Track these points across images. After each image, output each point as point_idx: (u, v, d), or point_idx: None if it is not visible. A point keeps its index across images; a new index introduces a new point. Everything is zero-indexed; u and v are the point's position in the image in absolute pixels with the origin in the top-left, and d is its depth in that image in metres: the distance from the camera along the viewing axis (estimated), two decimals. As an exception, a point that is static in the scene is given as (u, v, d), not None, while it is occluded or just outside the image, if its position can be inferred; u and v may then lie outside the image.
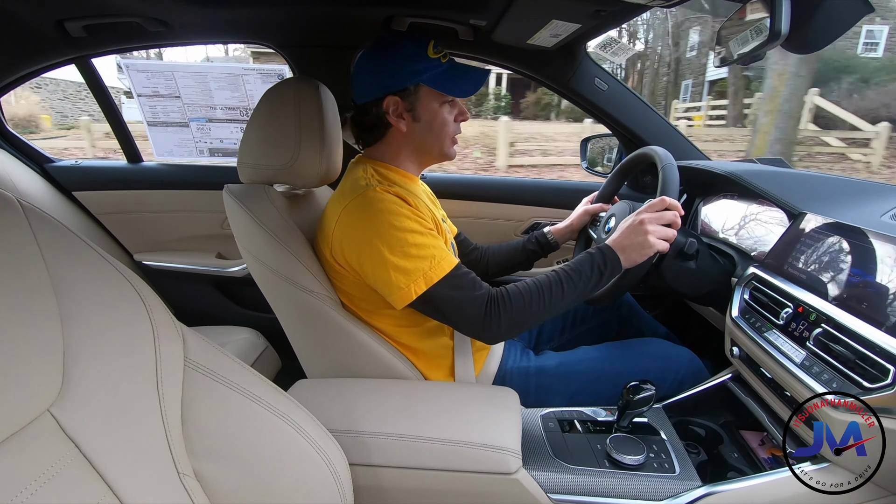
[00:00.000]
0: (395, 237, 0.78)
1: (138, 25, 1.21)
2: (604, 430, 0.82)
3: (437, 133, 0.92)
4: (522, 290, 0.82)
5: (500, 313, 0.79)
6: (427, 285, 0.78)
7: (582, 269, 0.84)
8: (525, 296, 0.81)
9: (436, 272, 0.79)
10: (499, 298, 0.80)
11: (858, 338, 0.65)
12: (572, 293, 0.83)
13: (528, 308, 0.81)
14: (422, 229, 0.82)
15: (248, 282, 1.10)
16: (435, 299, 0.79)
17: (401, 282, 0.78)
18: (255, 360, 1.37)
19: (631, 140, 1.42)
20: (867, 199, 0.91)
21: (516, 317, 0.80)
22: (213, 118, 1.70)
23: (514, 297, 0.81)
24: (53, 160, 1.61)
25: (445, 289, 0.79)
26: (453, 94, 0.90)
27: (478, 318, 0.79)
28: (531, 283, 0.83)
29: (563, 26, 1.04)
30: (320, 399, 0.82)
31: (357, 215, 0.82)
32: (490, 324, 0.79)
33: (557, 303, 0.82)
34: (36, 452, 0.39)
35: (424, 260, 0.79)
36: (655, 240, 0.85)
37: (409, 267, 0.78)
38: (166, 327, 0.50)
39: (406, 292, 0.78)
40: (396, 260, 0.78)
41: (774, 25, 0.65)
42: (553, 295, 0.82)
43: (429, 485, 0.72)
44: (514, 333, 0.82)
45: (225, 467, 0.52)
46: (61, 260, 0.45)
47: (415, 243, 0.79)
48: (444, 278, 0.79)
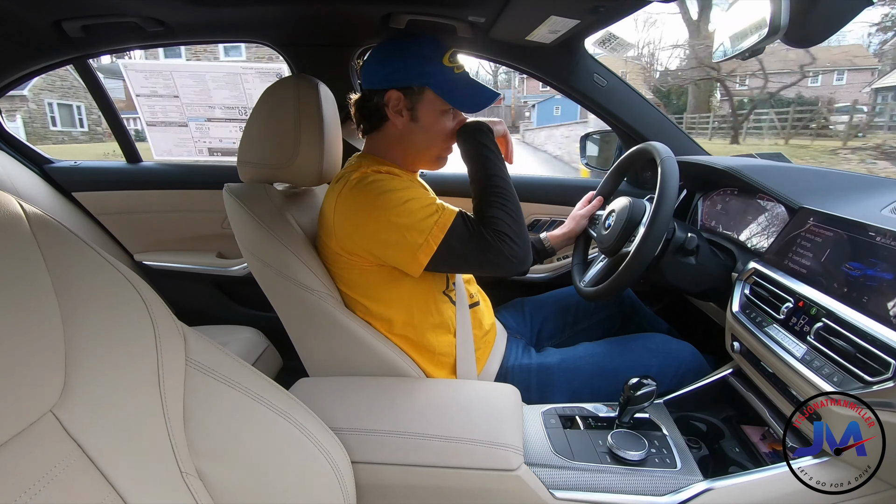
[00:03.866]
0: (395, 201, 0.80)
1: (136, 25, 1.21)
2: (605, 426, 0.82)
3: (431, 138, 0.92)
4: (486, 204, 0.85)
5: (503, 239, 0.81)
6: (443, 232, 0.79)
7: (484, 157, 0.89)
8: (495, 205, 0.84)
9: (446, 218, 0.80)
10: (490, 229, 0.82)
11: (859, 332, 0.65)
12: (506, 177, 0.88)
13: (508, 215, 0.83)
14: (416, 190, 0.84)
15: (249, 281, 1.10)
16: (455, 244, 0.80)
17: (417, 238, 0.79)
18: (256, 358, 1.37)
19: (630, 136, 1.42)
20: (867, 193, 0.91)
21: (510, 230, 0.82)
22: (211, 117, 1.69)
23: (493, 213, 0.83)
24: (53, 161, 1.61)
25: (460, 234, 0.80)
26: (457, 107, 0.91)
27: (497, 254, 0.81)
28: (489, 199, 0.85)
29: (562, 22, 1.04)
30: (322, 397, 0.82)
31: (353, 196, 0.83)
32: (506, 250, 0.80)
33: (512, 193, 0.86)
34: (39, 453, 0.39)
35: (431, 211, 0.81)
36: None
37: (419, 223, 0.79)
38: (167, 327, 0.50)
39: (426, 246, 0.79)
40: (405, 220, 0.79)
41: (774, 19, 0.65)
42: (505, 189, 0.86)
43: (431, 482, 0.72)
44: (525, 242, 0.83)
45: (227, 466, 0.52)
46: (62, 261, 0.45)
47: (415, 198, 0.81)
48: (455, 222, 0.81)
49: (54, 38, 1.24)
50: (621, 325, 1.25)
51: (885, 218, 0.77)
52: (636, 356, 1.01)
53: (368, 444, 0.73)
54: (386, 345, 0.91)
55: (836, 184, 0.99)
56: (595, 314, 1.24)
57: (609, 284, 0.93)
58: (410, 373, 0.92)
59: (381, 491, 0.73)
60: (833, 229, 0.79)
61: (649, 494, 0.70)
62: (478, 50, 1.35)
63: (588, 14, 0.98)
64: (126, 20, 1.19)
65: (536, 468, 0.72)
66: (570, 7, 0.96)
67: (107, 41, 1.33)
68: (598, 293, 0.96)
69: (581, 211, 1.21)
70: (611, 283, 0.93)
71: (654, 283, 1.01)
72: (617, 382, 0.83)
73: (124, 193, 1.60)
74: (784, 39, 0.68)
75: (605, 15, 0.99)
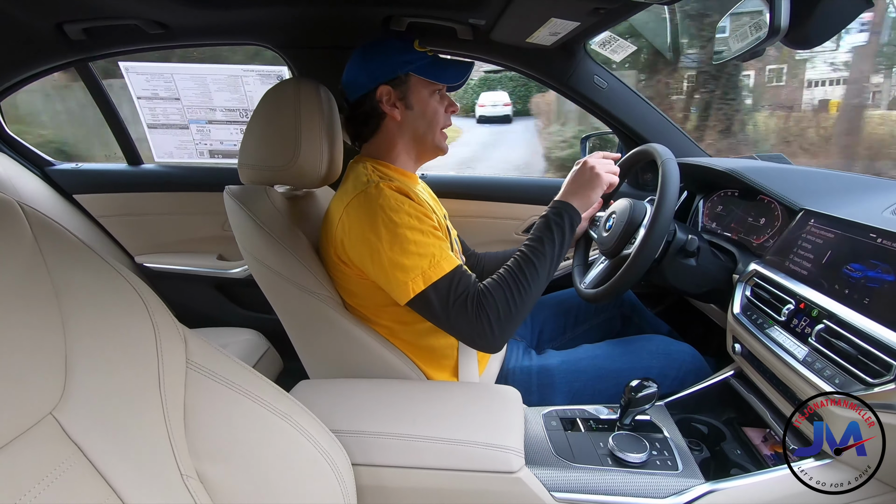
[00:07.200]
0: (395, 234, 0.78)
1: (138, 28, 1.21)
2: (606, 429, 0.82)
3: (429, 121, 0.94)
4: (499, 281, 0.81)
5: (486, 313, 0.77)
6: (425, 284, 0.77)
7: (543, 234, 0.85)
8: (503, 286, 0.80)
9: (435, 271, 0.78)
10: (479, 299, 0.78)
11: (860, 333, 0.65)
12: (545, 263, 0.82)
13: (510, 298, 0.79)
14: (422, 227, 0.80)
15: (250, 283, 1.10)
16: (432, 300, 0.78)
17: (399, 278, 0.78)
18: (256, 361, 1.37)
19: (631, 138, 1.42)
20: (868, 195, 0.91)
21: (503, 311, 0.78)
22: (212, 120, 1.69)
23: (493, 290, 0.79)
24: (54, 163, 1.61)
25: (444, 290, 0.78)
26: (442, 81, 0.94)
27: (471, 327, 0.78)
28: (503, 272, 0.82)
29: (562, 24, 1.04)
30: (322, 400, 0.82)
31: (359, 212, 0.82)
32: (480, 328, 0.77)
33: (535, 279, 0.81)
34: (39, 456, 0.39)
35: (424, 258, 0.78)
36: (604, 173, 0.90)
37: (407, 264, 0.78)
38: (168, 329, 0.50)
39: (404, 289, 0.78)
40: (395, 256, 0.78)
41: (774, 21, 0.65)
42: (528, 274, 0.81)
43: (431, 484, 0.72)
44: (506, 332, 0.79)
45: (228, 469, 0.52)
46: (62, 263, 0.45)
47: (414, 240, 0.78)
48: (444, 278, 0.78)
49: (56, 41, 1.24)
50: (622, 327, 1.25)
51: (886, 219, 0.77)
52: (637, 358, 1.01)
53: (369, 446, 0.73)
54: (387, 347, 0.91)
55: (837, 185, 0.99)
56: (596, 316, 1.24)
57: (610, 286, 0.93)
58: (411, 375, 0.92)
59: (381, 493, 0.73)
60: (834, 231, 0.79)
61: (651, 497, 0.70)
62: (478, 52, 1.35)
63: (588, 16, 0.98)
64: (127, 23, 1.20)
65: (537, 470, 0.72)
66: (571, 9, 0.96)
67: (108, 44, 1.33)
68: (599, 295, 0.96)
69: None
70: (611, 285, 0.93)
71: (654, 284, 1.01)
72: (618, 384, 0.83)
73: (125, 196, 1.60)
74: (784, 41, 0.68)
75: (606, 17, 0.99)
